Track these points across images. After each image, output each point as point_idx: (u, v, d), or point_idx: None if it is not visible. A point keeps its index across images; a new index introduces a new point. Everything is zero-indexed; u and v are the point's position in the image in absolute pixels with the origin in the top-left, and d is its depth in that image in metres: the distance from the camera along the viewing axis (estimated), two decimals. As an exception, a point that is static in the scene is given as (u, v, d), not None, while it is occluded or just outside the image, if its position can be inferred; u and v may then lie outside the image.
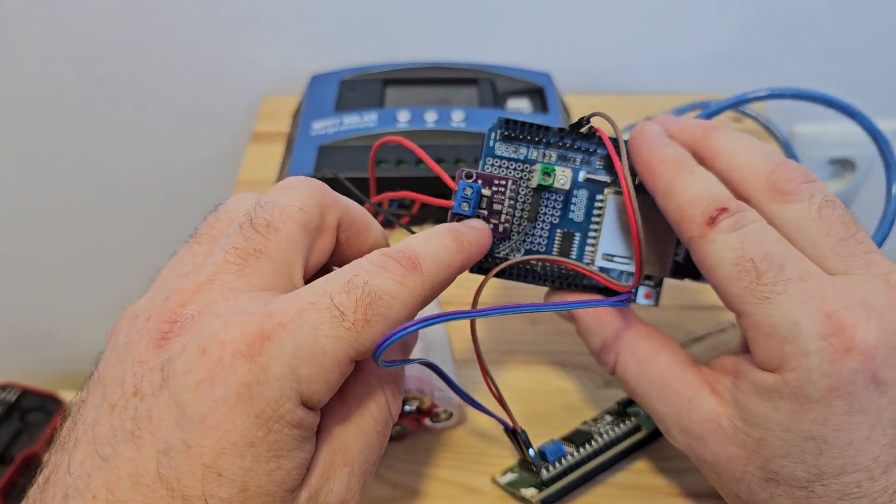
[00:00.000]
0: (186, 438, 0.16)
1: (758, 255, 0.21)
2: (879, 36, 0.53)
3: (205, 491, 0.16)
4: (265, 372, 0.17)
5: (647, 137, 0.24)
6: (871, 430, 0.20)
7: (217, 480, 0.16)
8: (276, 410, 0.17)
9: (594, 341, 0.25)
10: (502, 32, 0.52)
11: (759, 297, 0.20)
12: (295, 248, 0.20)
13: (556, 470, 0.27)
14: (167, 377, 0.17)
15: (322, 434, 0.19)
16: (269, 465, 0.17)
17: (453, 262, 0.21)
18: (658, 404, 0.24)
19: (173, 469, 0.16)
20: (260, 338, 0.17)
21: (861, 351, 0.19)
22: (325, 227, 0.22)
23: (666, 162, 0.23)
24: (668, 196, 0.23)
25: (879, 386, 0.20)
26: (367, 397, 0.21)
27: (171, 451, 0.16)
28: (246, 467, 0.17)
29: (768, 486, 0.21)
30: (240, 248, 0.19)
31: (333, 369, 0.18)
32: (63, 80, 0.52)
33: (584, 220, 0.26)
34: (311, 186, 0.21)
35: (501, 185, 0.25)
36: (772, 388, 0.20)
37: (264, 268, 0.19)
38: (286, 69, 0.53)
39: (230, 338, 0.17)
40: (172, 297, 0.19)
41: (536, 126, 0.25)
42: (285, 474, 0.17)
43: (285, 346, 0.17)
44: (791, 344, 0.20)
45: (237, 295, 0.19)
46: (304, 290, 0.19)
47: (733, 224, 0.21)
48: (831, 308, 0.20)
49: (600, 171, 0.26)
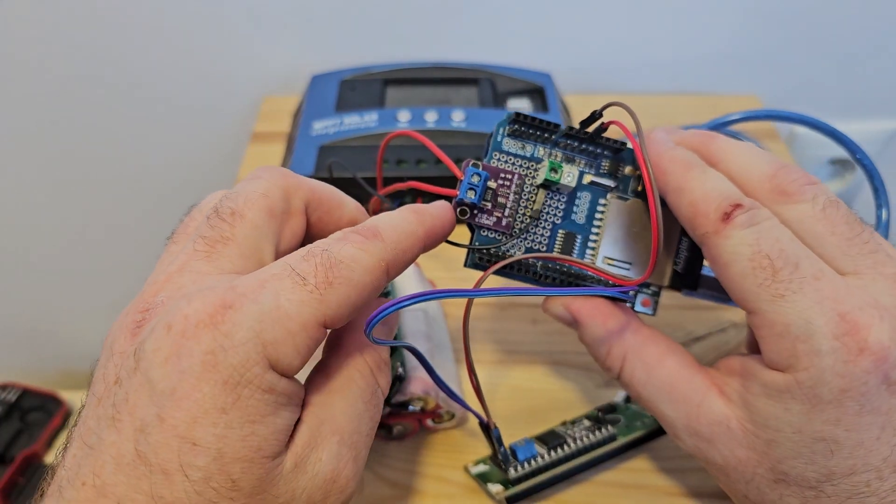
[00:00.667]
0: (159, 413, 0.17)
1: (773, 251, 0.20)
2: (878, 36, 0.53)
3: (181, 462, 0.17)
4: (229, 338, 0.17)
5: (655, 141, 0.24)
6: (881, 430, 0.20)
7: (192, 450, 0.17)
8: (243, 375, 0.17)
9: (599, 347, 0.25)
10: (503, 32, 0.52)
11: (774, 294, 0.20)
12: (261, 232, 0.21)
13: (525, 470, 0.27)
14: (139, 359, 0.18)
15: (307, 405, 0.20)
16: (243, 430, 0.17)
17: (415, 231, 0.21)
18: (666, 409, 0.23)
19: (150, 445, 0.17)
20: (222, 307, 0.17)
21: (874, 351, 0.19)
22: (292, 210, 0.22)
23: (676, 161, 0.23)
24: (679, 193, 0.23)
25: (891, 386, 0.20)
26: (351, 368, 0.21)
27: (147, 428, 0.17)
28: (219, 434, 0.17)
29: (778, 486, 0.21)
30: (207, 237, 0.20)
31: (301, 333, 0.18)
32: (63, 80, 0.52)
33: (586, 222, 0.26)
34: (274, 173, 0.22)
35: (507, 178, 0.25)
36: (783, 389, 0.20)
37: (232, 253, 0.20)
38: (286, 69, 0.53)
39: (193, 310, 0.18)
40: (146, 291, 0.20)
41: (546, 123, 0.25)
42: (261, 440, 0.18)
43: (248, 312, 0.17)
44: (804, 343, 0.20)
45: (205, 278, 0.19)
46: (266, 267, 0.19)
47: (748, 220, 0.21)
48: (845, 308, 0.20)
49: (605, 176, 0.26)
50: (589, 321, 0.25)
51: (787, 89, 0.56)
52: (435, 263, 0.38)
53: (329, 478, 0.19)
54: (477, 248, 0.25)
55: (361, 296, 0.19)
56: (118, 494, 0.17)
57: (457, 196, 0.24)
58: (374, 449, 0.30)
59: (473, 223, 0.25)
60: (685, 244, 0.26)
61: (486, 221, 0.25)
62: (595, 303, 0.25)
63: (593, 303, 0.25)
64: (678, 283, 0.26)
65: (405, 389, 0.28)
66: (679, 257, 0.26)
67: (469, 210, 0.25)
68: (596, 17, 0.52)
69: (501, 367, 0.34)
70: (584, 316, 0.25)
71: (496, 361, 0.34)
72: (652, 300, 0.26)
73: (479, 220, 0.25)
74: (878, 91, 0.56)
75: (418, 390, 0.28)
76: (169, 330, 0.17)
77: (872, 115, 0.58)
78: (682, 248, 0.26)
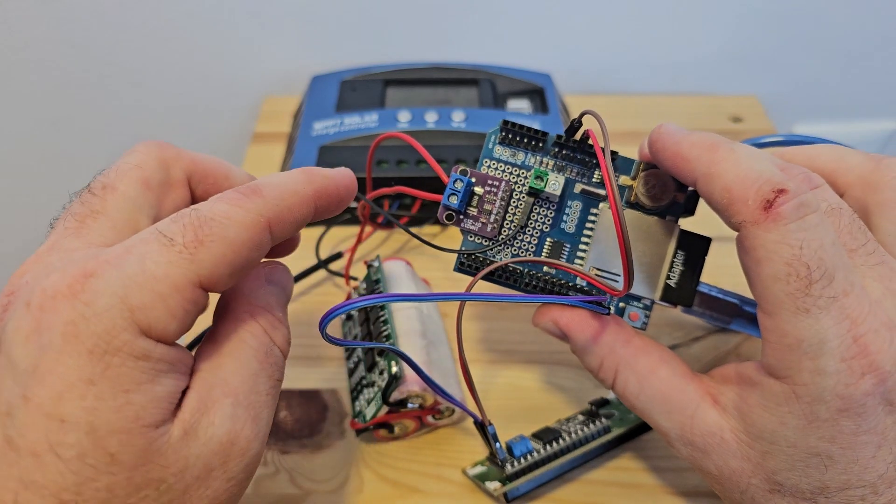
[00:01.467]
0: (24, 393, 0.16)
1: (814, 261, 0.19)
2: (877, 37, 0.53)
3: (50, 441, 0.16)
4: (90, 307, 0.16)
5: (669, 132, 0.23)
6: (877, 448, 0.20)
7: (61, 428, 0.16)
8: (109, 343, 0.16)
9: (591, 359, 0.25)
10: (503, 33, 0.53)
11: (800, 307, 0.19)
12: (135, 204, 0.20)
13: (521, 465, 0.27)
14: (0, 342, 0.17)
15: (196, 372, 0.19)
16: (116, 401, 0.16)
17: (301, 189, 0.20)
18: (660, 419, 0.23)
19: (17, 428, 0.16)
20: (82, 276, 0.17)
21: (877, 374, 0.19)
22: (172, 181, 0.22)
23: (697, 145, 0.21)
24: (710, 179, 0.21)
25: (888, 407, 0.19)
26: (240, 329, 0.20)
27: (13, 411, 0.16)
28: (88, 407, 0.16)
29: (773, 496, 0.21)
30: (77, 213, 0.20)
31: (173, 295, 0.17)
32: (64, 80, 0.52)
33: (575, 231, 0.26)
34: (150, 146, 0.22)
35: (494, 185, 0.25)
36: (780, 402, 0.20)
37: (102, 226, 0.19)
38: (287, 69, 0.53)
39: (50, 283, 0.17)
40: (14, 275, 0.19)
41: (534, 131, 0.25)
42: (139, 409, 0.17)
43: (111, 278, 0.17)
44: (811, 361, 0.19)
45: (72, 253, 0.18)
46: (134, 235, 0.18)
47: (795, 211, 0.19)
48: (860, 331, 0.19)
49: (598, 185, 0.26)
50: (578, 334, 0.24)
51: (787, 90, 0.56)
52: (433, 263, 0.39)
53: (226, 440, 0.18)
54: (462, 252, 0.25)
55: (239, 253, 0.18)
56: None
57: (441, 201, 0.24)
58: (373, 448, 0.30)
59: (459, 227, 0.25)
60: (680, 257, 0.25)
61: (472, 227, 0.25)
62: (582, 315, 0.24)
63: (581, 315, 0.24)
64: (671, 296, 0.25)
65: (402, 387, 0.28)
66: (673, 271, 0.25)
67: (455, 214, 0.25)
68: (596, 18, 0.52)
69: (497, 366, 0.34)
70: (573, 329, 0.24)
71: (492, 361, 0.34)
72: (641, 314, 0.26)
73: (464, 226, 0.25)
74: (877, 91, 0.56)
75: (415, 387, 0.28)
76: (28, 307, 0.17)
77: (872, 116, 0.58)
78: (676, 262, 0.25)
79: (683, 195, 0.25)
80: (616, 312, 0.26)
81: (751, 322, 0.30)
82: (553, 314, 0.25)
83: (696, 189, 0.22)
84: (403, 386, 0.28)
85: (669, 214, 0.26)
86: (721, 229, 0.26)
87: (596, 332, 0.24)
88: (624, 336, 0.24)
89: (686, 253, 0.25)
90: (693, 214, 0.26)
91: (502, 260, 0.25)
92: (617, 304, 0.26)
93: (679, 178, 0.23)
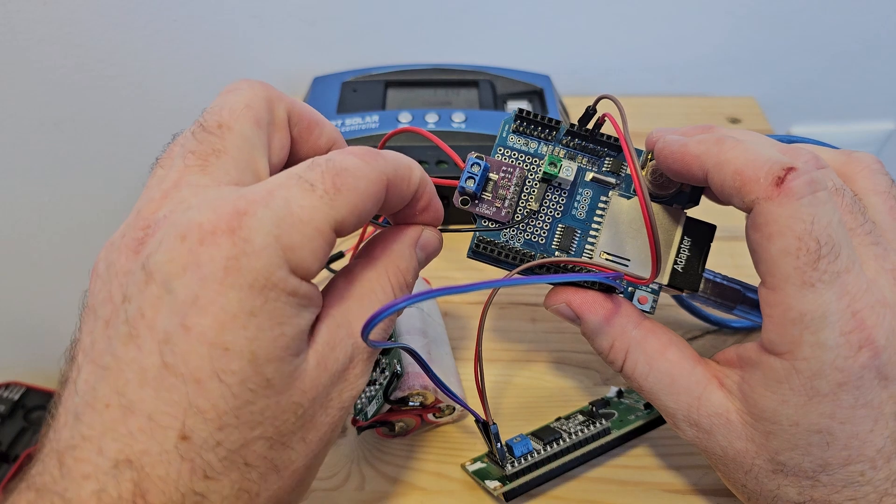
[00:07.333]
0: (184, 322, 0.17)
1: (823, 235, 0.19)
2: (874, 38, 0.54)
3: (215, 368, 0.17)
4: (249, 243, 0.17)
5: (671, 141, 0.23)
6: (874, 422, 0.20)
7: (225, 355, 0.17)
8: (268, 279, 0.17)
9: (602, 340, 0.25)
10: (502, 35, 0.53)
11: (806, 281, 0.19)
12: (251, 144, 0.20)
13: (521, 465, 0.27)
14: (150, 272, 0.17)
15: (327, 306, 0.20)
16: (273, 332, 0.17)
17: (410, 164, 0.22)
18: (667, 400, 0.24)
19: (178, 355, 0.17)
20: (237, 214, 0.17)
21: (872, 348, 0.20)
22: (277, 122, 0.22)
23: (704, 142, 0.22)
24: (720, 167, 0.21)
25: (883, 381, 0.20)
26: (374, 280, 0.22)
27: (172, 339, 0.17)
28: (251, 337, 0.17)
29: (776, 477, 0.22)
30: (197, 151, 0.20)
31: (316, 237, 0.18)
32: (65, 80, 0.53)
33: (586, 217, 0.26)
34: (255, 85, 0.22)
35: (509, 171, 0.26)
36: (781, 379, 0.20)
37: (227, 164, 0.20)
38: (288, 71, 0.53)
39: (206, 219, 0.17)
40: (143, 209, 0.19)
41: (549, 120, 0.26)
42: (290, 340, 0.18)
43: (264, 217, 0.17)
44: (813, 335, 0.20)
45: (205, 190, 0.19)
46: (270, 178, 0.19)
47: (808, 186, 0.19)
48: (859, 306, 0.20)
49: (608, 174, 0.26)
50: (590, 316, 0.25)
51: (785, 91, 0.57)
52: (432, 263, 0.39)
53: (345, 375, 0.20)
54: (477, 232, 0.26)
55: (366, 205, 0.19)
56: (147, 409, 0.16)
57: (458, 185, 0.25)
58: (374, 445, 0.31)
59: (474, 212, 0.26)
60: (687, 243, 0.26)
61: (486, 211, 0.26)
62: (595, 297, 0.25)
63: (593, 297, 0.25)
64: (678, 281, 0.26)
65: (404, 385, 0.28)
66: (680, 256, 0.26)
67: (470, 199, 0.25)
68: (594, 20, 0.52)
69: (501, 365, 0.34)
70: (585, 311, 0.25)
71: (495, 359, 0.35)
72: (650, 297, 0.26)
73: (478, 210, 0.26)
74: (874, 93, 0.57)
75: (417, 385, 0.28)
76: (183, 240, 0.17)
77: (869, 117, 0.58)
78: (683, 247, 0.26)
79: (688, 185, 0.26)
80: (625, 297, 0.26)
81: (753, 308, 0.31)
82: (567, 296, 0.25)
83: (708, 181, 0.22)
84: (405, 384, 0.28)
85: (675, 203, 0.26)
86: (721, 230, 0.26)
87: (608, 314, 0.25)
88: (635, 318, 0.25)
89: (692, 239, 0.26)
90: (698, 204, 0.26)
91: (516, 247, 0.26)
92: (626, 289, 0.26)
93: (690, 180, 0.23)
